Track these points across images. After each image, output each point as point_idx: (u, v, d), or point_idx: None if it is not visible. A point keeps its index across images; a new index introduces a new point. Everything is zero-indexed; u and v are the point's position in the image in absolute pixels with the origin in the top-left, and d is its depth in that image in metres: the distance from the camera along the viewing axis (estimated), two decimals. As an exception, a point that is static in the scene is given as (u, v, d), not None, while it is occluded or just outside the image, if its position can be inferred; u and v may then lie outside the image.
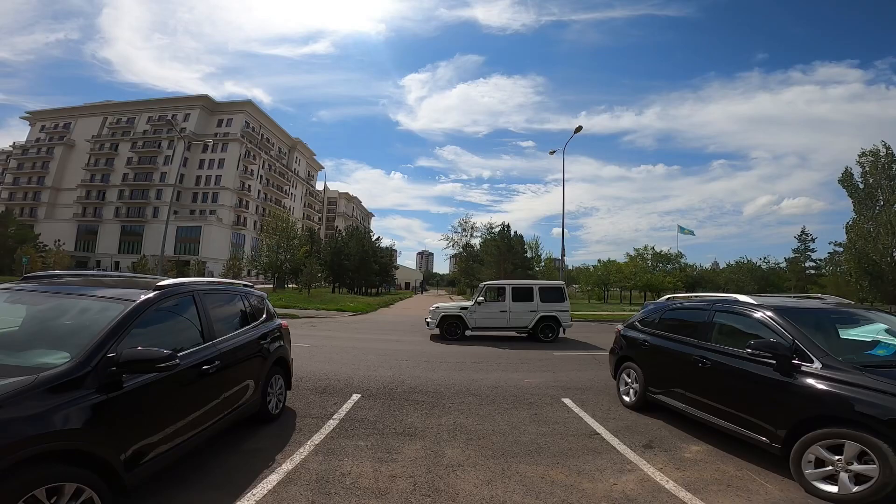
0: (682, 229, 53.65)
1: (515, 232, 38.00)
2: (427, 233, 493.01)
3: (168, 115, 76.98)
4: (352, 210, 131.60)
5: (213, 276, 63.03)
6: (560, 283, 14.62)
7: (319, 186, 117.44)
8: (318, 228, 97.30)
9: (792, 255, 45.54)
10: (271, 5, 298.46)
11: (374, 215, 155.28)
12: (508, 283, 13.66)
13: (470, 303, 13.37)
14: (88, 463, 2.43)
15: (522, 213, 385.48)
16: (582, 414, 5.74)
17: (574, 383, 7.49)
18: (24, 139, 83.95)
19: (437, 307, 13.24)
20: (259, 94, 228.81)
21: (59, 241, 56.61)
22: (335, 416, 5.27)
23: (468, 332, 12.98)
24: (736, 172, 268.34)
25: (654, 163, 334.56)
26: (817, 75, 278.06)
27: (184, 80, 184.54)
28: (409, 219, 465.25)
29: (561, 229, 23.66)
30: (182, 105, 79.74)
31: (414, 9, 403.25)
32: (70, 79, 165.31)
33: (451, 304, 14.17)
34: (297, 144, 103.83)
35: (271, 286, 41.91)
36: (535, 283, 13.99)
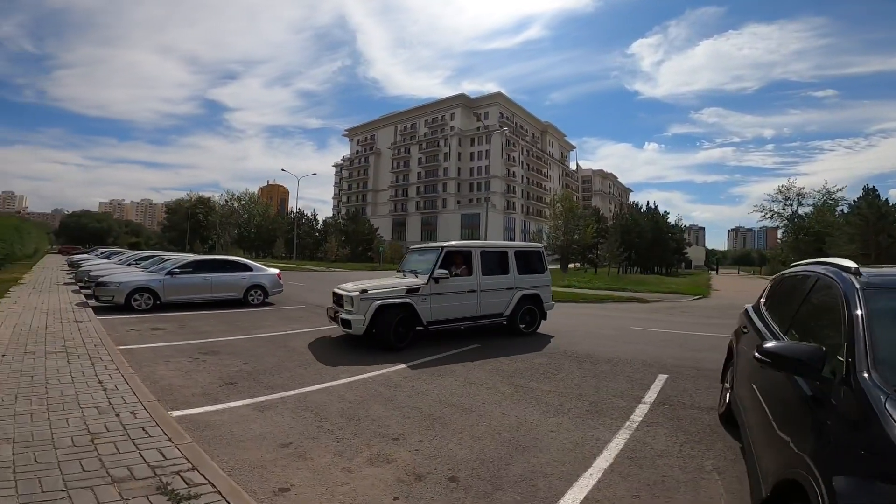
0: None
1: (885, 198, 28.57)
2: (691, 205, 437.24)
3: (439, 117, 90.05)
4: (608, 187, 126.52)
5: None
6: (538, 245, 10.10)
7: (572, 166, 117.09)
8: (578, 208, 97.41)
9: None
10: (477, 3, 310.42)
11: (631, 190, 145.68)
12: (476, 246, 8.52)
13: (420, 280, 7.75)
14: None
15: (831, 174, 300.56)
16: None
17: None
18: (348, 153, 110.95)
19: (365, 290, 7.32)
20: (493, 88, 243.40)
21: (394, 233, 72.75)
22: None
23: (418, 328, 7.69)
24: None
25: None
26: None
27: (430, 86, 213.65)
28: (667, 192, 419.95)
29: None
30: (446, 106, 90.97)
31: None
32: (357, 99, 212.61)
33: (384, 282, 8.00)
34: (548, 128, 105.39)
35: (558, 266, 43.47)
36: (509, 246, 9.33)
